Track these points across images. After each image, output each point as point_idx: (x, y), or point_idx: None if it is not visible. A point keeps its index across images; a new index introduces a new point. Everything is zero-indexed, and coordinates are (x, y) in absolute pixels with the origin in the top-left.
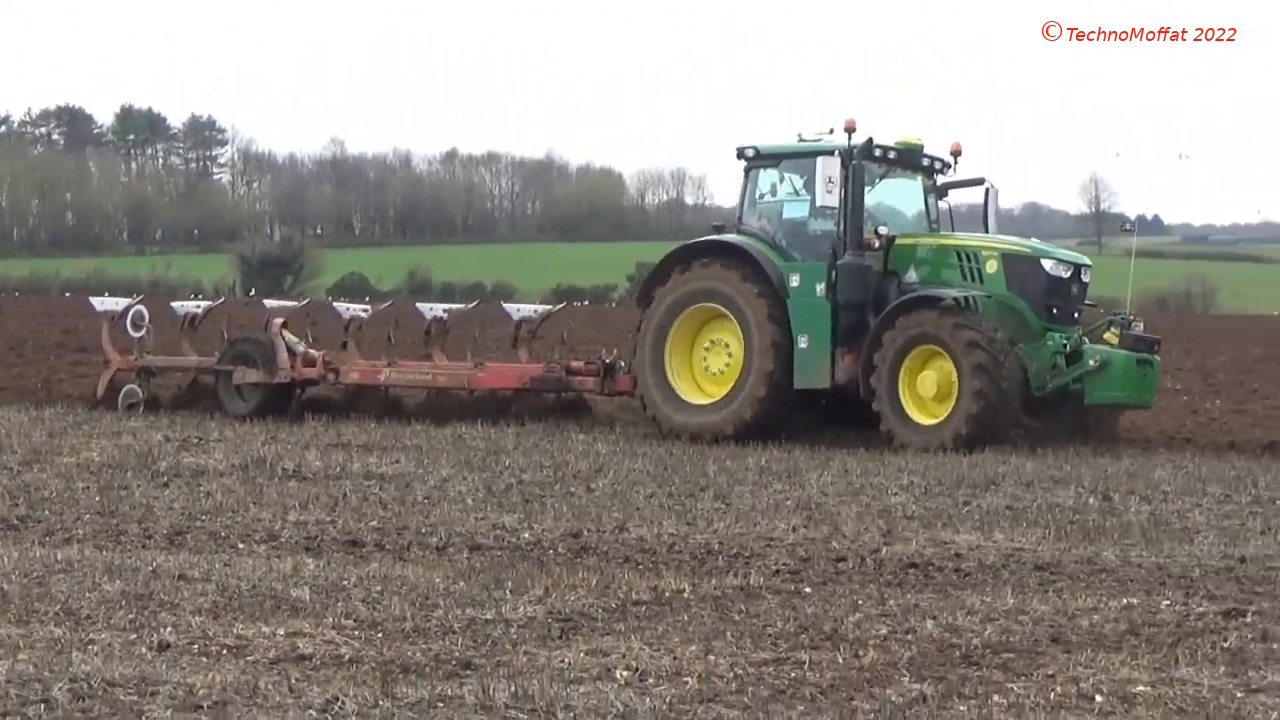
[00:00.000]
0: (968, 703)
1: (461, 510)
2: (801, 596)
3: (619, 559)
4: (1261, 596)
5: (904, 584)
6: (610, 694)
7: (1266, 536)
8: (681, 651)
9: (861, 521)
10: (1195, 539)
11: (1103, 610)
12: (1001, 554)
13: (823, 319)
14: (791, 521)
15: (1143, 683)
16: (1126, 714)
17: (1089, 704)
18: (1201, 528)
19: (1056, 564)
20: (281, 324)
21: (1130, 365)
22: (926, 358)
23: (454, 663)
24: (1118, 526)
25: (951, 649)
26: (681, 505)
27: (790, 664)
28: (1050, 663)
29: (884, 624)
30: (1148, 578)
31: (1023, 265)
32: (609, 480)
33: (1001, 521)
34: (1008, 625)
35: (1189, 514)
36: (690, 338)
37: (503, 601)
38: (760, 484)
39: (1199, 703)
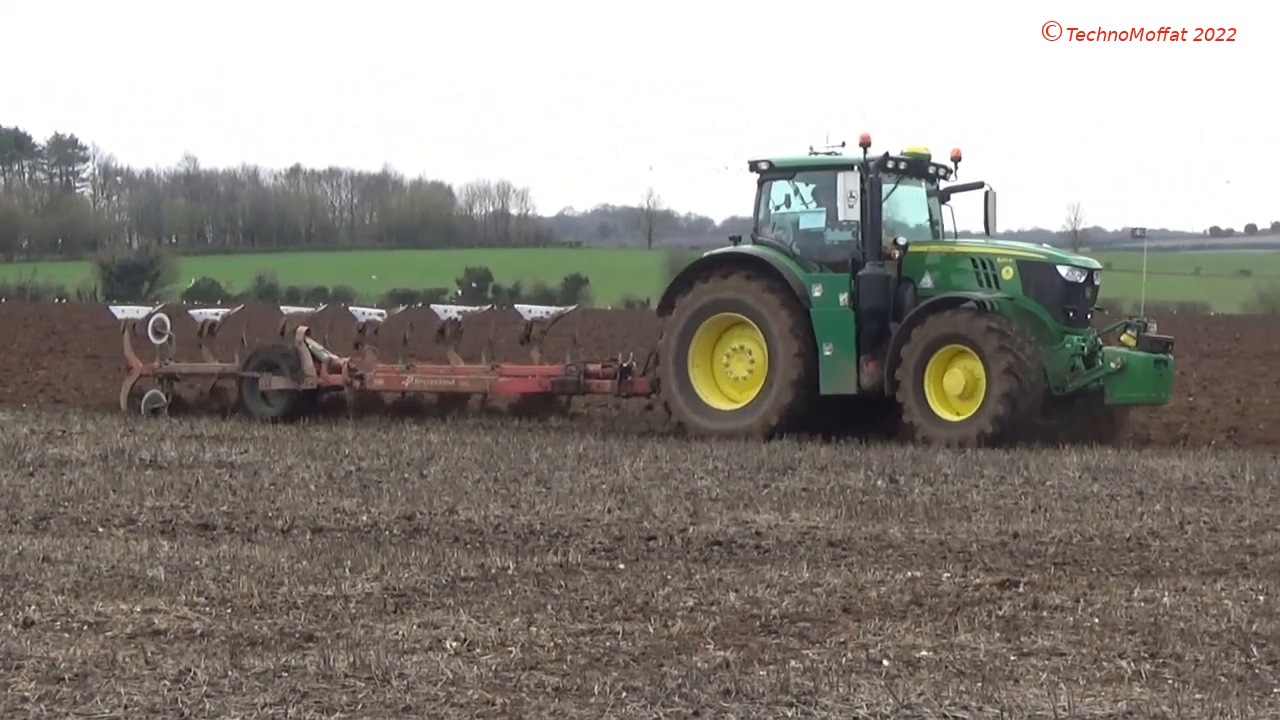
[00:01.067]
0: (767, 668)
1: (304, 495)
2: (616, 572)
3: (449, 539)
4: (1033, 569)
5: (709, 560)
6: (440, 663)
7: (1037, 514)
8: (506, 623)
9: (670, 503)
10: (973, 517)
11: (889, 582)
12: (798, 532)
13: (846, 327)
14: (607, 504)
15: (925, 648)
16: (911, 676)
17: (877, 668)
18: (979, 507)
19: (848, 541)
20: (306, 332)
21: (1149, 366)
22: (952, 357)
23: (297, 635)
24: (903, 506)
25: (752, 619)
26: (506, 489)
27: (605, 634)
28: (842, 630)
29: (691, 597)
30: (930, 553)
31: (1039, 271)
32: (440, 467)
33: (798, 502)
34: (803, 597)
35: (967, 494)
36: (711, 345)
37: (342, 579)
38: (578, 470)
39: (976, 665)
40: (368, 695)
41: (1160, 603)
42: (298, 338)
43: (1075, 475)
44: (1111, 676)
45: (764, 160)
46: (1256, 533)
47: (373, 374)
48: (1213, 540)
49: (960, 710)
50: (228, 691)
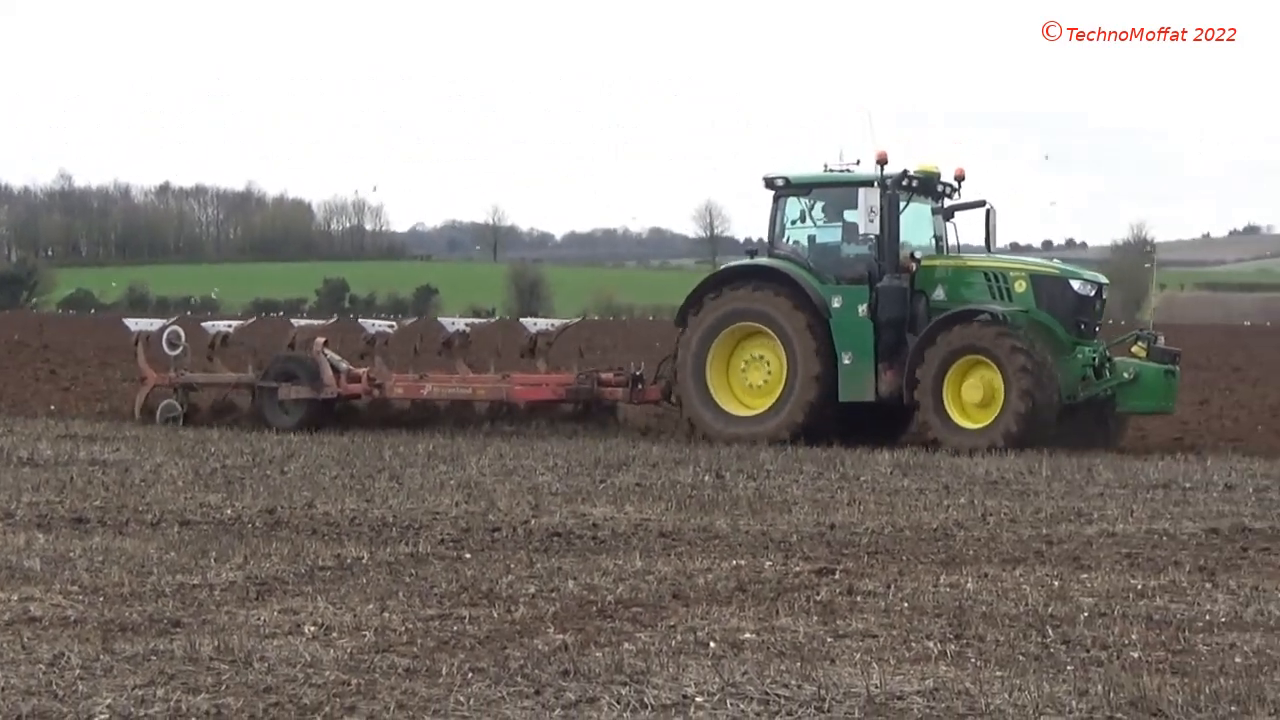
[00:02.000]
0: (603, 650)
1: (173, 491)
2: (462, 561)
3: (307, 531)
4: (848, 557)
5: (549, 550)
6: (299, 646)
7: (852, 507)
8: (361, 609)
9: (514, 497)
10: (793, 509)
11: (716, 570)
12: (632, 523)
13: (865, 337)
14: (454, 498)
15: (749, 631)
16: (736, 657)
17: (705, 649)
18: (798, 500)
19: (677, 532)
20: (324, 343)
21: (1160, 377)
22: (968, 368)
23: (165, 622)
24: (729, 500)
25: (589, 604)
26: (361, 485)
27: (453, 619)
28: (672, 615)
29: (532, 584)
30: (753, 543)
31: (1052, 285)
32: (300, 464)
33: (632, 496)
34: (636, 584)
35: (788, 489)
36: (728, 355)
37: (207, 569)
38: (428, 466)
39: (796, 646)
40: (231, 677)
41: (964, 588)
42: (316, 348)
43: (887, 471)
44: (920, 656)
45: (780, 177)
46: (1052, 523)
47: (392, 383)
48: (1012, 530)
49: (781, 688)
50: (99, 675)
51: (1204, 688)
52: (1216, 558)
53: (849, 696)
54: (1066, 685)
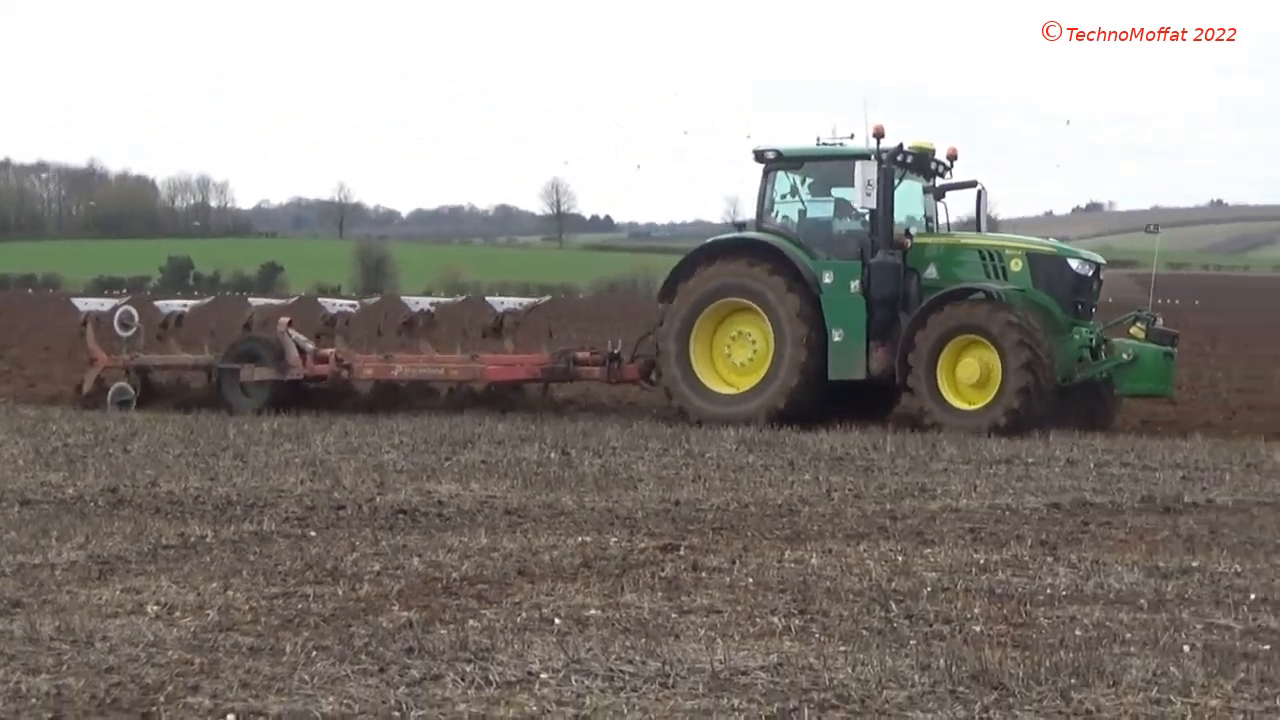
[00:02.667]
0: (448, 627)
1: (13, 470)
2: (307, 539)
3: (151, 510)
4: (693, 533)
5: (395, 527)
6: (142, 626)
7: (697, 484)
8: (204, 588)
9: (359, 475)
10: (639, 486)
11: (561, 547)
12: (477, 501)
13: (858, 314)
14: (299, 476)
15: (594, 607)
16: (581, 633)
17: (550, 626)
18: (644, 477)
19: (523, 509)
20: (288, 322)
21: (1159, 358)
22: (964, 346)
23: (5, 602)
24: (574, 477)
25: (434, 581)
26: (205, 463)
27: (297, 597)
28: (517, 591)
29: (377, 561)
30: (599, 519)
31: (1049, 264)
32: (143, 442)
33: (477, 473)
34: (482, 561)
35: (634, 465)
36: (712, 331)
37: (49, 548)
38: (273, 445)
39: (641, 622)
40: (72, 657)
41: (809, 563)
42: (280, 328)
43: (732, 448)
44: (764, 631)
45: (770, 149)
46: (896, 499)
47: (361, 364)
48: (856, 506)
49: (626, 664)
50: None
51: (1044, 660)
52: (1058, 532)
53: (693, 672)
54: (909, 659)
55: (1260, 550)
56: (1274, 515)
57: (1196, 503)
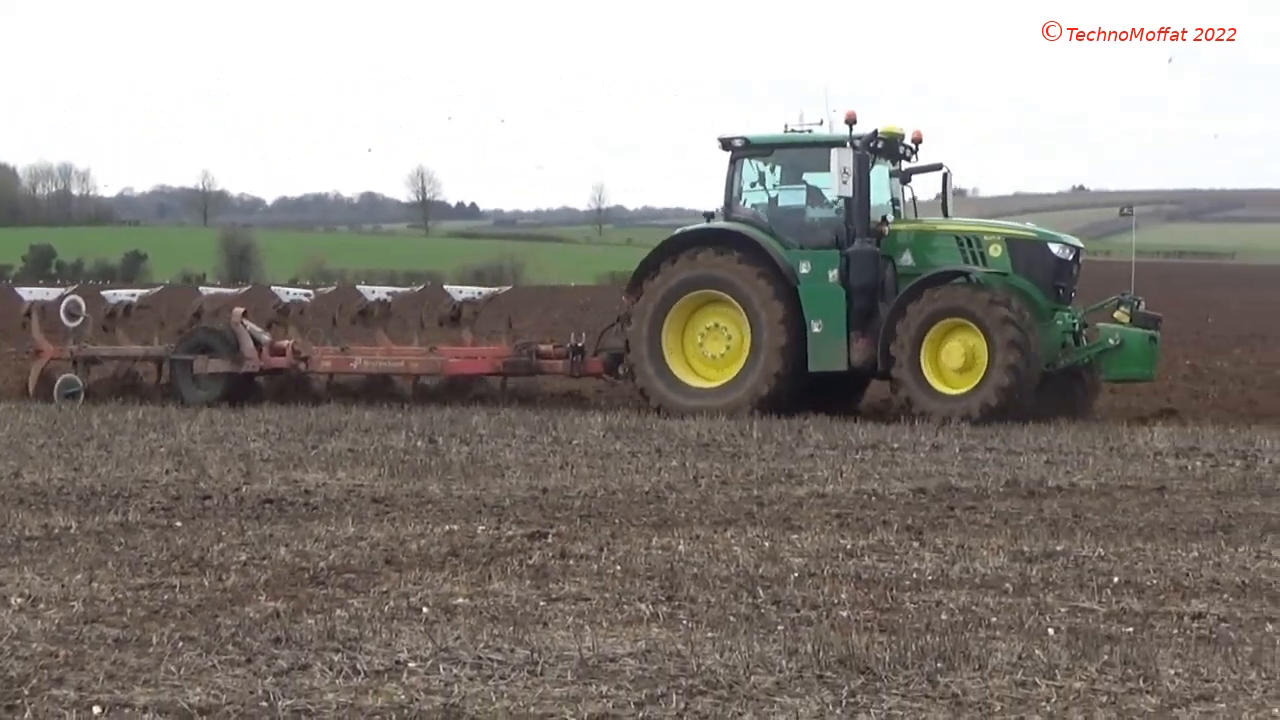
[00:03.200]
0: (315, 616)
1: None
2: (173, 530)
3: (14, 501)
4: (560, 521)
5: (261, 517)
6: (6, 618)
7: (564, 471)
8: (69, 580)
9: (225, 464)
10: (506, 474)
11: (429, 535)
12: (344, 490)
13: (837, 304)
14: (165, 465)
15: (462, 595)
16: (449, 622)
17: (417, 615)
18: (511, 464)
19: (390, 497)
20: (242, 313)
21: (1144, 342)
22: (948, 331)
23: None
24: (441, 465)
25: (301, 571)
26: (69, 454)
27: (163, 588)
28: (385, 581)
29: (244, 551)
30: (466, 507)
31: (1029, 249)
32: (4, 433)
33: (344, 462)
34: (349, 550)
35: (501, 453)
36: (683, 325)
37: None
38: (138, 434)
39: (509, 611)
40: None
41: (676, 550)
42: (234, 319)
43: (600, 434)
44: (632, 618)
45: (738, 137)
46: (763, 485)
47: (319, 356)
48: (723, 492)
49: (494, 653)
50: None
51: (911, 645)
52: (924, 517)
53: (561, 659)
54: (777, 645)
55: (1123, 533)
56: (1136, 498)
57: (1060, 487)
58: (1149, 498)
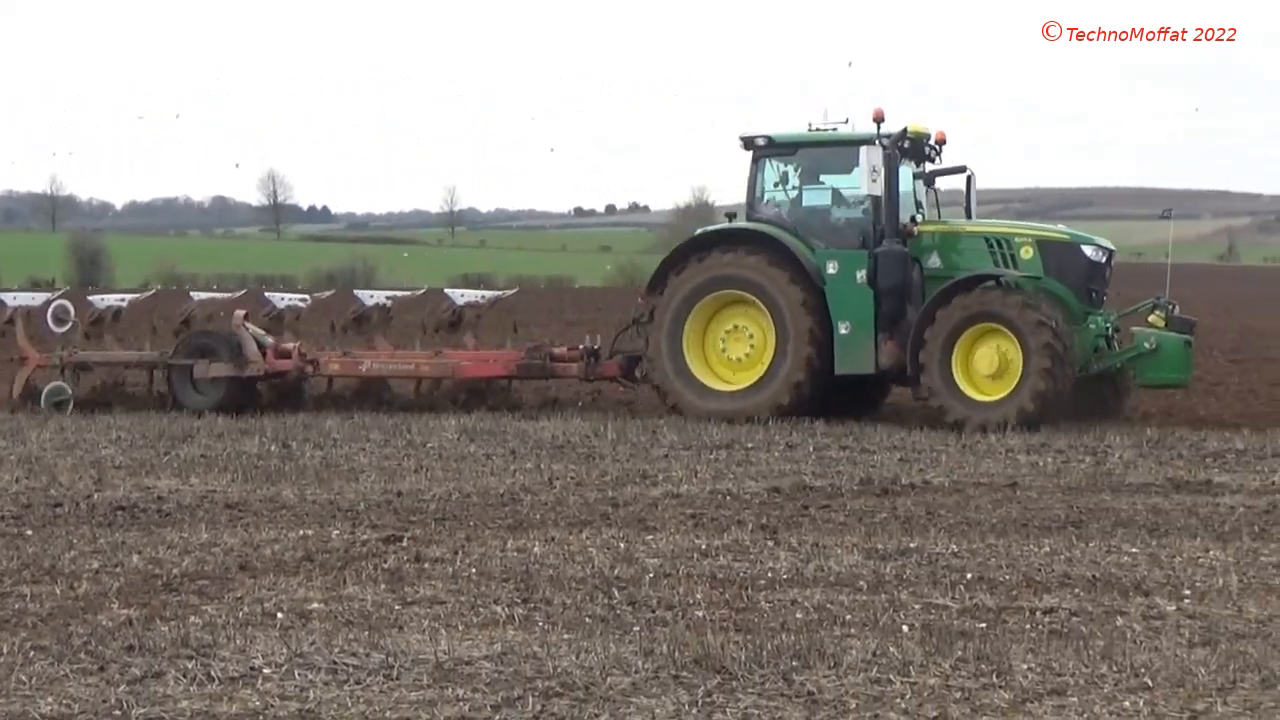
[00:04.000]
0: (169, 624)
1: None
2: (24, 538)
3: None
4: (415, 524)
5: (113, 524)
6: None
7: (419, 474)
8: None
9: (76, 471)
10: (360, 478)
11: (283, 540)
12: (197, 496)
13: (865, 305)
14: (14, 473)
15: (317, 600)
16: (304, 627)
17: (272, 620)
18: (366, 468)
19: (244, 502)
20: (244, 316)
21: (1180, 347)
22: (978, 337)
23: None
24: (295, 469)
25: (155, 578)
26: None
27: (14, 597)
28: (239, 586)
29: (96, 559)
30: (321, 512)
31: (1062, 251)
32: None
33: (197, 468)
34: (203, 556)
35: (355, 457)
36: (704, 326)
37: None
38: None
39: (364, 615)
40: None
41: (531, 552)
42: (236, 322)
43: (454, 437)
44: (488, 621)
45: (761, 136)
46: (618, 486)
47: (327, 359)
48: (578, 494)
49: (349, 657)
50: None
51: (766, 644)
52: (778, 516)
53: (417, 663)
54: (633, 645)
55: (976, 530)
56: (989, 495)
57: (914, 484)
58: (1001, 494)
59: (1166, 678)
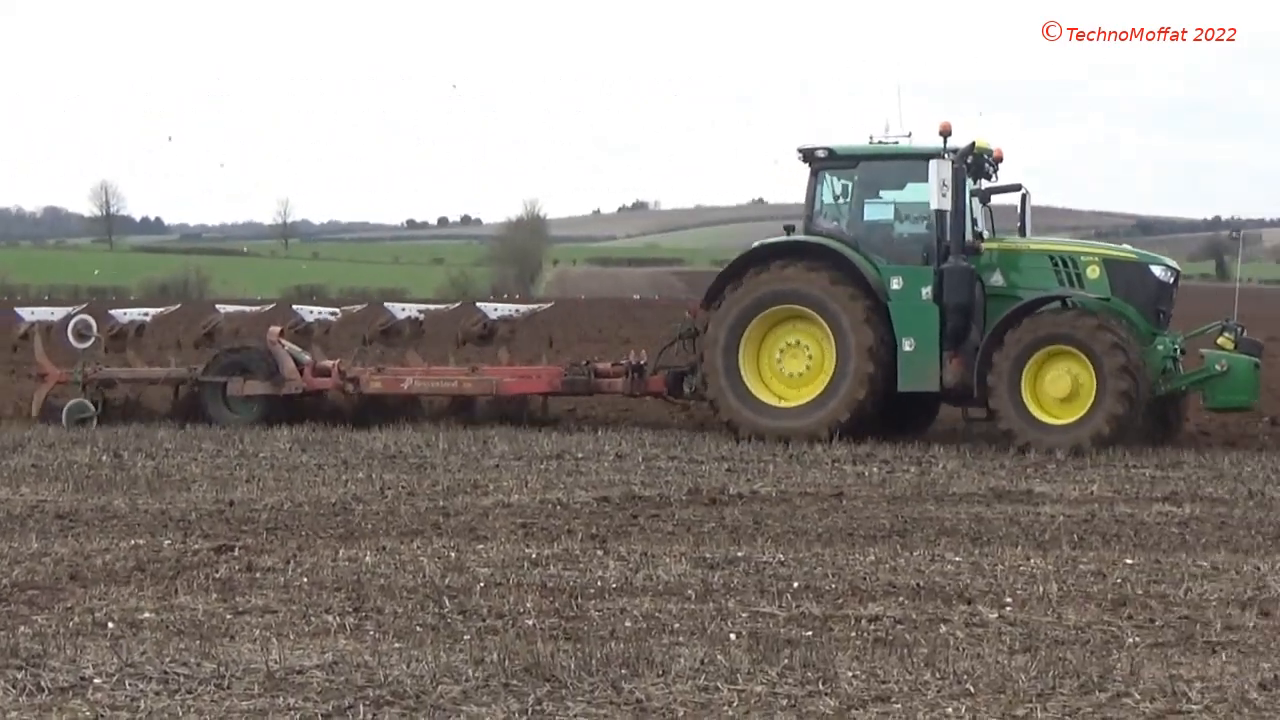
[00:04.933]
0: None
1: None
2: None
3: None
4: (247, 534)
5: None
6: None
7: (251, 484)
8: None
9: None
10: (192, 488)
11: (114, 550)
12: (27, 505)
13: (930, 322)
14: None
15: (148, 610)
16: (135, 637)
17: (103, 630)
18: (198, 478)
19: (75, 512)
20: (279, 333)
21: (1250, 370)
22: (1048, 358)
23: None
24: (127, 479)
25: None
26: None
27: None
28: (70, 596)
29: None
30: (152, 522)
31: (1129, 271)
32: None
33: (27, 478)
34: (33, 566)
35: (187, 467)
36: (759, 341)
37: None
38: None
39: (195, 624)
40: None
41: (363, 561)
42: (271, 338)
43: (286, 447)
44: (319, 630)
45: (821, 148)
46: (449, 496)
47: (367, 377)
48: (410, 504)
49: (180, 667)
50: None
51: (595, 652)
52: (608, 525)
53: (249, 673)
54: (463, 654)
55: (802, 539)
56: (815, 505)
57: (741, 494)
58: (827, 504)
59: (988, 684)
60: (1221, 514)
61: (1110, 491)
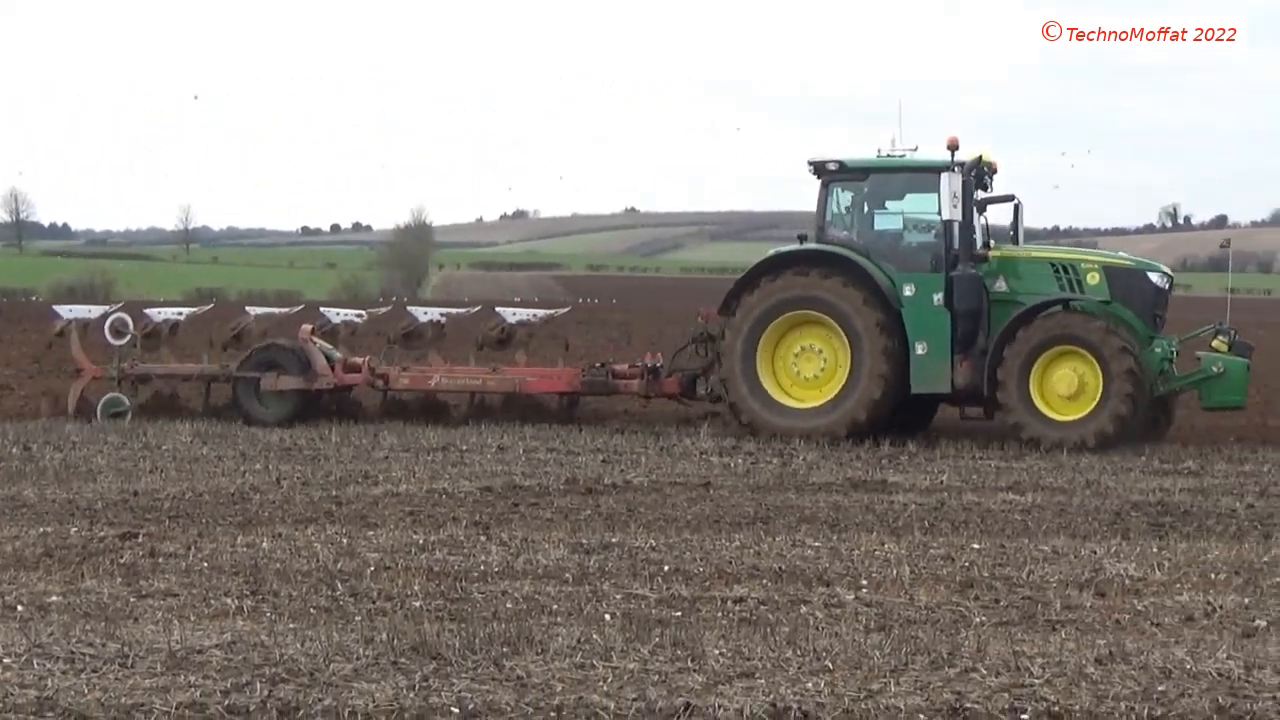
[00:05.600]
0: None
1: None
2: None
3: None
4: (151, 522)
5: None
6: None
7: (155, 474)
8: None
9: None
10: (99, 478)
11: (24, 538)
12: None
13: (941, 327)
14: None
15: (56, 594)
16: (43, 619)
17: (12, 613)
18: (103, 469)
19: None
20: (310, 330)
21: (1244, 371)
22: (1056, 358)
23: None
24: (35, 470)
25: None
26: None
27: None
28: None
29: None
30: (60, 510)
31: (1127, 277)
32: None
33: None
34: None
35: (93, 459)
36: (774, 344)
37: None
38: None
39: (101, 607)
40: None
41: (260, 547)
42: (303, 336)
43: (188, 440)
44: (219, 612)
45: (832, 161)
46: (341, 485)
47: (397, 374)
48: (304, 493)
49: (86, 647)
50: None
51: (479, 632)
52: (490, 513)
53: (151, 652)
54: (354, 634)
55: (673, 526)
56: (685, 494)
57: (616, 484)
58: (696, 493)
59: (845, 660)
60: (1061, 502)
61: (959, 481)
